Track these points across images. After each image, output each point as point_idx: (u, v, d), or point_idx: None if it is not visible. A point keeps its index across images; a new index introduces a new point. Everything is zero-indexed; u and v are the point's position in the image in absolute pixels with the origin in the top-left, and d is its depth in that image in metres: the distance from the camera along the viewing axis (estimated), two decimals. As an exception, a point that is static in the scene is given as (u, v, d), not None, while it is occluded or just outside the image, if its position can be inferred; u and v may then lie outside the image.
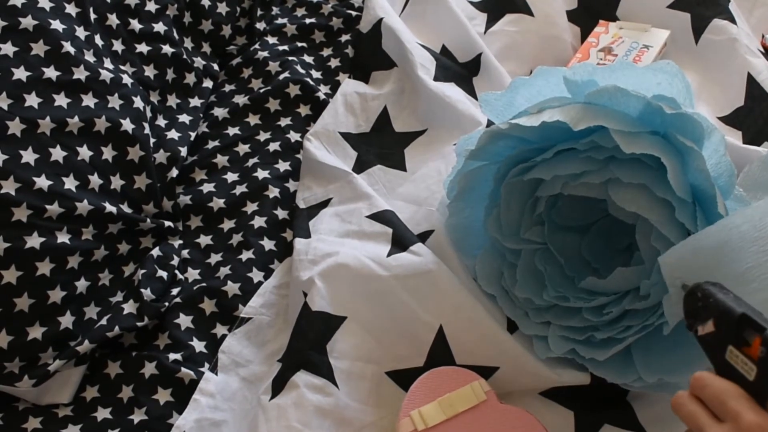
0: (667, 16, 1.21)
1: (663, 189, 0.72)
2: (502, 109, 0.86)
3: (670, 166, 0.71)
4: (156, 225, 1.00)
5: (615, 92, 0.74)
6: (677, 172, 0.71)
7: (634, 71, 0.77)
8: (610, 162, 0.76)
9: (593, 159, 0.77)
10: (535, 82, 0.83)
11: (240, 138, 1.13)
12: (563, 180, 0.80)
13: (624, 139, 0.72)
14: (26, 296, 0.86)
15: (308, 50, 1.27)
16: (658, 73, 0.76)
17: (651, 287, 0.76)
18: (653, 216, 0.73)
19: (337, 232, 0.97)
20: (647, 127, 0.75)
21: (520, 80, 0.84)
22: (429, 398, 0.79)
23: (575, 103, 0.78)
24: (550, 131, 0.77)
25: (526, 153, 0.82)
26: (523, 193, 0.85)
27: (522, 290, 0.85)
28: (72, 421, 0.86)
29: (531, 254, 0.87)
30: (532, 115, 0.80)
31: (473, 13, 1.25)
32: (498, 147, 0.83)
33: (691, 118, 0.72)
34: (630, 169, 0.75)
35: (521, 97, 0.85)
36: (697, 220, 0.72)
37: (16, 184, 0.87)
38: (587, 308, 0.82)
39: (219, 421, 0.85)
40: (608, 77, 0.77)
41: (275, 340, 0.93)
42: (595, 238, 0.89)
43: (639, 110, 0.75)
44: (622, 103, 0.75)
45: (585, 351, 0.81)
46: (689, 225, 0.72)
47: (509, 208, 0.86)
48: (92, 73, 0.98)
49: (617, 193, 0.76)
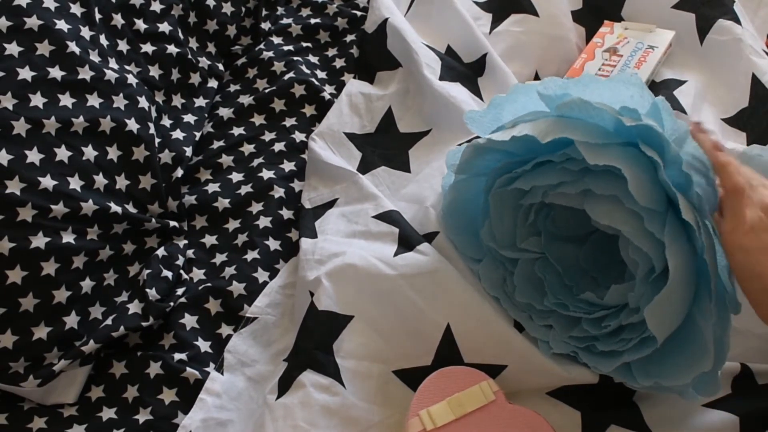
0: (672, 17, 1.21)
1: (632, 200, 0.72)
2: (489, 125, 0.88)
3: (631, 176, 0.71)
4: (161, 225, 1.00)
5: (582, 105, 0.75)
6: (640, 182, 0.72)
7: (607, 84, 0.78)
8: (585, 173, 0.77)
9: (569, 170, 0.78)
10: (518, 98, 0.84)
11: (245, 138, 1.13)
12: (542, 189, 0.81)
13: (589, 151, 0.73)
14: (31, 296, 0.86)
15: (313, 50, 1.27)
16: (629, 86, 0.77)
17: (639, 299, 0.77)
18: (625, 228, 0.74)
19: (344, 232, 0.96)
20: (622, 139, 0.75)
21: (500, 98, 0.85)
22: (438, 398, 0.78)
23: (547, 117, 0.79)
24: (525, 144, 0.79)
25: (510, 165, 0.83)
26: (510, 203, 0.86)
27: (522, 296, 0.86)
28: (77, 421, 0.86)
29: (530, 263, 0.88)
30: (506, 129, 0.81)
31: (478, 13, 1.25)
32: (484, 160, 0.85)
33: (651, 129, 0.72)
34: (603, 181, 0.75)
35: (507, 112, 0.86)
36: (666, 228, 0.72)
37: (21, 184, 0.86)
38: (587, 319, 0.83)
39: (225, 420, 0.85)
40: (581, 90, 0.78)
41: (281, 340, 0.93)
42: (592, 248, 0.90)
43: (613, 122, 0.75)
44: (594, 116, 0.76)
45: (587, 358, 0.82)
46: (658, 234, 0.72)
47: (501, 218, 0.87)
48: (97, 73, 0.98)
49: (592, 205, 0.77)
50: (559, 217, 0.88)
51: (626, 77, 0.77)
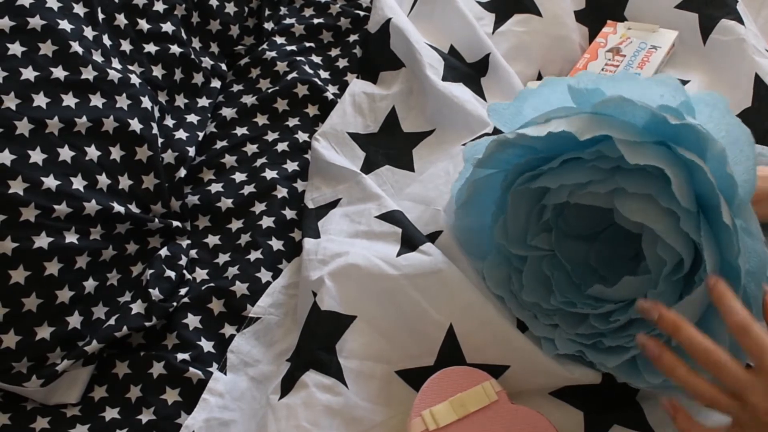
0: (675, 17, 1.21)
1: (668, 199, 0.72)
2: (510, 117, 0.86)
3: (674, 177, 0.71)
4: (164, 225, 0.99)
5: (621, 102, 0.74)
6: (681, 183, 0.71)
7: (638, 82, 0.77)
8: (616, 172, 0.76)
9: (599, 168, 0.77)
10: (543, 91, 0.83)
11: (248, 138, 1.13)
12: (569, 189, 0.80)
13: (629, 150, 0.72)
14: (34, 296, 0.86)
15: (316, 50, 1.27)
16: (661, 86, 0.76)
17: (658, 296, 0.76)
18: (659, 226, 0.73)
19: (347, 232, 0.96)
20: (652, 137, 0.75)
21: (527, 90, 0.84)
22: (440, 398, 0.78)
23: (582, 114, 0.78)
24: (556, 141, 0.77)
25: (534, 161, 0.82)
26: (530, 201, 0.85)
27: (529, 295, 0.85)
28: (80, 421, 0.86)
29: (538, 260, 0.87)
30: (539, 125, 0.79)
31: (481, 13, 1.25)
32: (506, 155, 0.83)
33: (694, 129, 0.72)
34: (635, 180, 0.75)
35: (529, 106, 0.85)
36: (702, 230, 0.72)
37: (24, 184, 0.86)
38: (594, 315, 0.82)
39: (228, 420, 0.85)
40: (613, 87, 0.77)
41: (284, 340, 0.92)
42: (602, 246, 0.89)
43: (644, 120, 0.75)
44: (628, 113, 0.75)
45: (593, 355, 0.81)
46: (693, 235, 0.72)
47: (516, 216, 0.86)
48: (100, 73, 0.98)
49: (623, 203, 0.76)
50: (571, 215, 0.88)
51: (662, 76, 0.76)
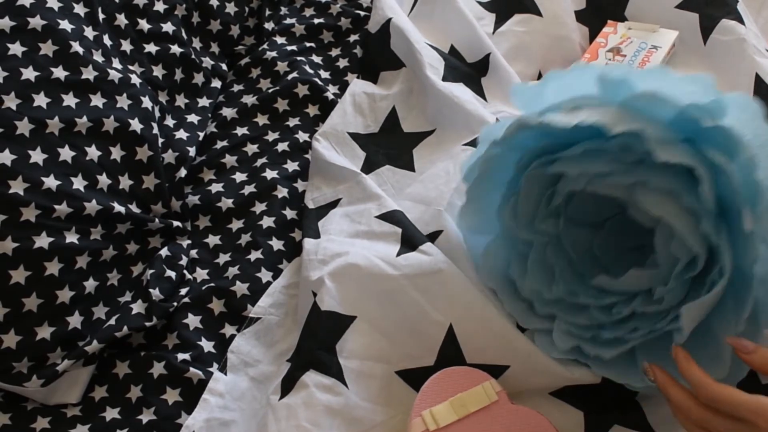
0: (676, 17, 1.20)
1: (691, 198, 0.71)
2: (530, 99, 0.84)
3: (704, 177, 0.70)
4: (164, 225, 0.99)
5: (653, 98, 0.73)
6: (708, 184, 0.71)
7: (669, 78, 0.76)
8: (638, 165, 0.76)
9: (621, 160, 0.77)
10: (567, 76, 0.82)
11: (248, 138, 1.13)
12: (589, 177, 0.79)
13: (659, 146, 0.71)
14: (35, 296, 0.86)
15: (317, 50, 1.27)
16: (692, 83, 0.75)
17: (666, 293, 0.76)
18: (678, 224, 0.72)
19: (347, 232, 0.96)
20: (679, 134, 0.74)
21: (553, 73, 0.82)
22: (440, 398, 0.78)
23: (610, 105, 0.77)
24: (580, 129, 0.77)
25: (552, 146, 0.81)
26: (543, 185, 0.84)
27: (532, 282, 0.85)
28: (80, 421, 0.85)
29: (543, 247, 0.87)
30: (564, 112, 0.78)
31: (481, 13, 1.25)
32: (523, 135, 0.82)
33: (727, 132, 0.70)
34: (659, 175, 0.74)
35: (550, 89, 0.83)
36: (722, 232, 0.71)
37: (24, 184, 0.86)
38: (596, 306, 0.82)
39: (228, 420, 0.85)
40: (642, 81, 0.76)
41: (284, 340, 0.92)
42: (607, 235, 0.89)
43: (672, 117, 0.74)
44: (659, 109, 0.74)
45: (590, 348, 0.81)
46: (712, 237, 0.71)
47: (528, 198, 0.85)
48: (101, 73, 0.98)
49: (644, 196, 0.75)
50: (579, 202, 0.86)
51: (699, 77, 0.74)
